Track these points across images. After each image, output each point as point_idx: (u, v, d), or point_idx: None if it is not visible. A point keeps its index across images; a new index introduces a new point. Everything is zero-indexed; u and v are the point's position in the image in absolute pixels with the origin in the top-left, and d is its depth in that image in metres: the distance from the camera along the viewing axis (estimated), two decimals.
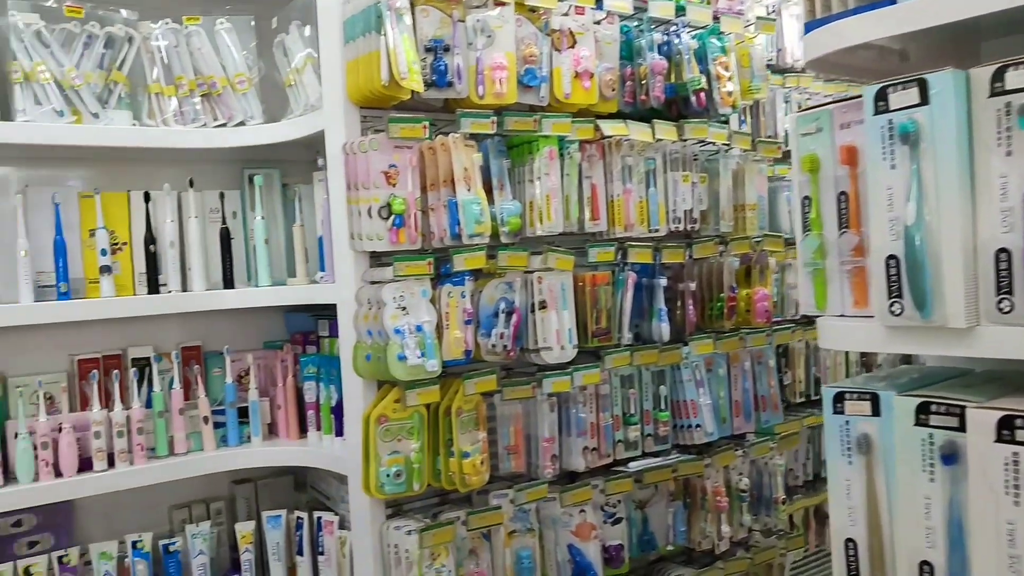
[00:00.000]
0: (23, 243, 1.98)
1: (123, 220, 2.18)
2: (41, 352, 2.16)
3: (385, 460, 1.91)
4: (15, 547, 2.07)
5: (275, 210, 2.38)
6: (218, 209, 2.28)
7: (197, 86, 2.19)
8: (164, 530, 2.30)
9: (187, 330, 2.37)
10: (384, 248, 1.87)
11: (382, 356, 1.86)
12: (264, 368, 2.41)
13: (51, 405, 2.09)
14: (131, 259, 2.18)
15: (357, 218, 1.90)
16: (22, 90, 1.97)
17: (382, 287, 1.86)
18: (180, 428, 2.17)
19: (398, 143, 1.88)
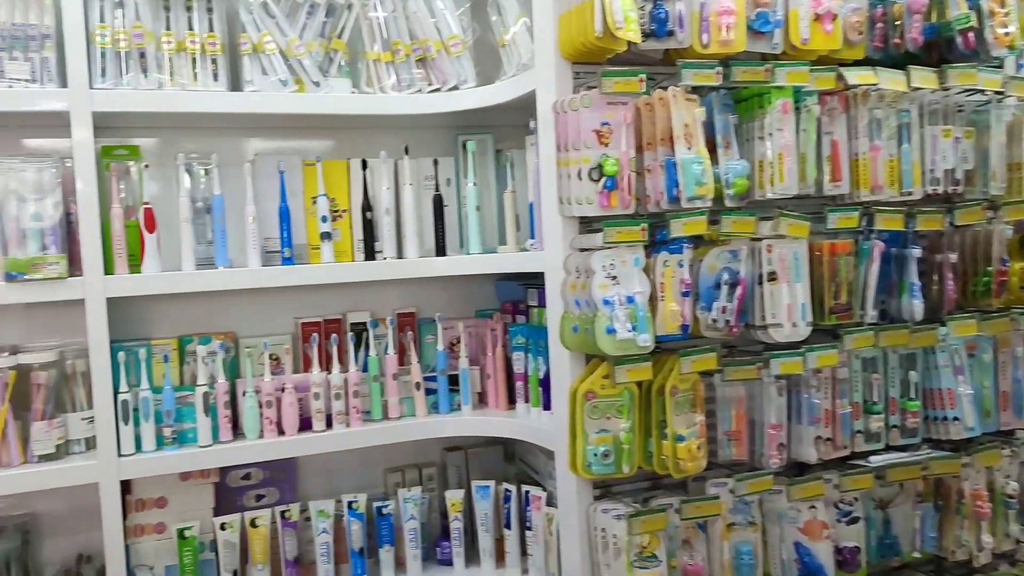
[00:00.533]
0: (251, 210, 2.05)
1: (343, 187, 2.21)
2: (268, 315, 2.25)
3: (593, 439, 1.80)
4: (244, 499, 2.18)
5: (488, 176, 2.33)
6: (432, 176, 2.26)
7: (412, 51, 2.17)
8: (379, 492, 2.34)
9: (402, 296, 2.38)
10: (594, 213, 1.75)
11: (590, 328, 1.74)
12: (475, 336, 2.37)
13: (276, 365, 2.17)
14: (350, 226, 2.21)
15: (566, 181, 1.79)
16: (250, 61, 2.03)
17: (591, 255, 1.74)
18: (393, 393, 2.19)
19: (611, 99, 1.74)
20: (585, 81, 1.85)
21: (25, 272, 1.80)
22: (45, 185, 1.85)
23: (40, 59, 1.85)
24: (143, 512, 2.03)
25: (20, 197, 1.83)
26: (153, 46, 1.94)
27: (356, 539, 2.14)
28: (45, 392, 1.89)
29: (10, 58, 1.83)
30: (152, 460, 1.94)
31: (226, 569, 2.04)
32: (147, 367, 2.02)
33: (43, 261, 1.82)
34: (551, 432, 1.98)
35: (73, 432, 1.94)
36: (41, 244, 1.84)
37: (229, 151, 2.20)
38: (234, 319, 2.23)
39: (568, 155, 1.77)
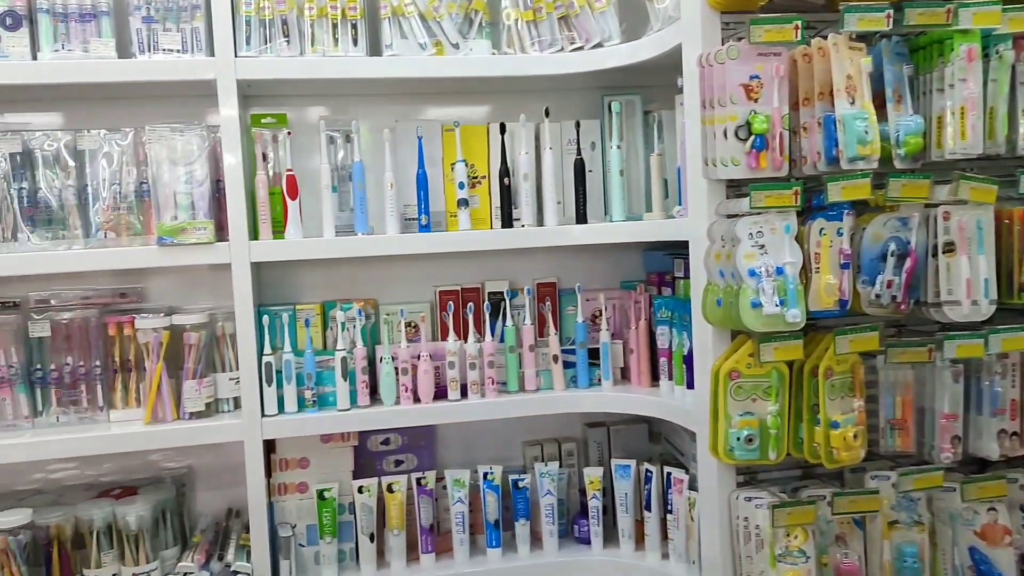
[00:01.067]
0: (390, 177, 2.04)
1: (481, 153, 2.16)
2: (408, 282, 2.25)
3: (736, 421, 1.66)
4: (383, 463, 2.20)
5: (635, 139, 2.21)
6: (574, 140, 2.17)
7: (555, 8, 2.07)
8: (516, 465, 2.30)
9: (543, 265, 2.31)
10: (741, 175, 1.60)
11: (734, 301, 1.60)
12: (618, 309, 2.27)
13: (414, 333, 2.16)
14: (488, 192, 2.16)
15: (711, 141, 1.65)
16: (390, 25, 2.01)
17: (737, 221, 1.59)
18: (530, 365, 2.13)
19: (762, 50, 1.58)
20: (735, 32, 1.70)
21: (175, 237, 1.87)
22: (194, 153, 1.91)
23: (191, 29, 1.90)
24: (286, 472, 2.08)
25: (172, 164, 1.90)
26: (295, 13, 1.95)
27: (491, 511, 2.11)
28: (196, 352, 1.96)
29: (163, 29, 1.89)
30: (293, 421, 1.98)
31: (363, 532, 2.06)
32: (291, 331, 2.06)
33: (192, 226, 1.88)
34: (693, 413, 1.85)
35: (222, 391, 2.01)
36: (190, 210, 1.91)
37: (369, 117, 2.20)
38: (375, 286, 2.24)
39: (713, 112, 1.63)
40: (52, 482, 2.07)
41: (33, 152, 1.89)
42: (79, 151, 1.91)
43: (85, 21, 1.86)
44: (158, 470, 2.13)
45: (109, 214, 1.92)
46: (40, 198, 1.89)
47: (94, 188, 1.92)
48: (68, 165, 1.90)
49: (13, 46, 1.82)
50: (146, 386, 1.95)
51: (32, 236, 1.89)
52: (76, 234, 1.91)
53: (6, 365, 1.92)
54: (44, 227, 1.90)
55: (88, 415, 1.96)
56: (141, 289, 2.08)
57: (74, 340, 1.95)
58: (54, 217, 1.90)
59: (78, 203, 1.91)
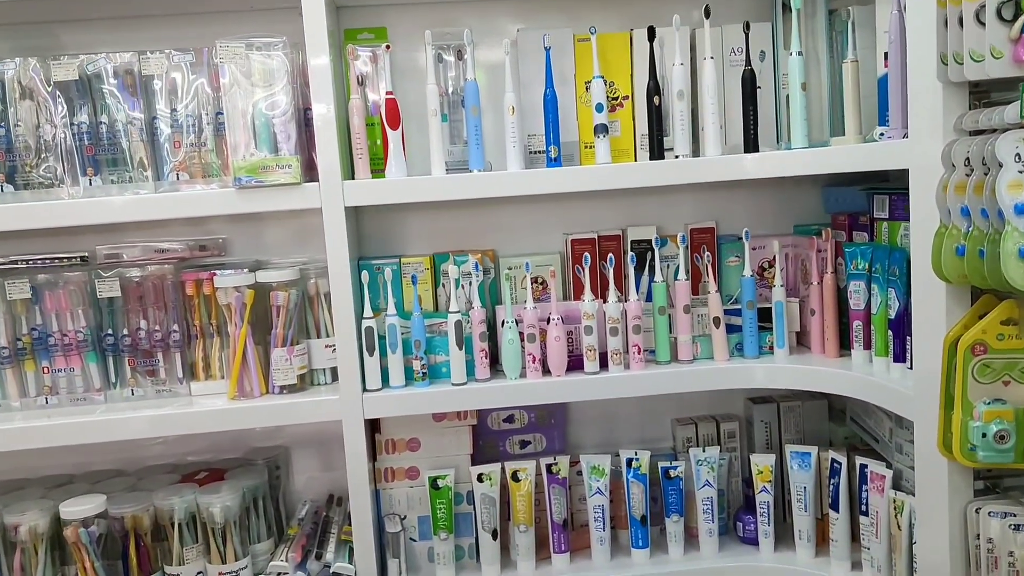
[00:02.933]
0: (511, 99, 1.66)
1: (624, 67, 1.74)
2: (534, 229, 1.88)
3: (981, 411, 1.23)
4: (507, 444, 1.86)
5: (817, 45, 1.74)
6: (741, 48, 1.72)
7: None
8: (666, 448, 1.92)
9: (698, 207, 1.89)
10: (1002, 72, 1.14)
11: (988, 249, 1.15)
12: (794, 259, 1.83)
13: (542, 291, 1.79)
14: (632, 117, 1.74)
15: (954, 29, 1.19)
16: None
17: (996, 138, 1.14)
18: (685, 330, 1.73)
19: None
20: None
21: (255, 176, 1.55)
22: (275, 73, 1.58)
23: None
24: (394, 455, 1.77)
25: (248, 88, 1.57)
26: None
27: (637, 504, 1.74)
28: (285, 315, 1.65)
29: None
30: (398, 398, 1.65)
31: (485, 527, 1.73)
32: (395, 289, 1.73)
33: (274, 163, 1.55)
34: (908, 395, 1.42)
35: (317, 361, 1.70)
36: (272, 143, 1.58)
37: (485, 26, 1.81)
38: (495, 233, 1.87)
39: None
40: (130, 462, 1.83)
41: (91, 79, 1.60)
42: (145, 76, 1.61)
43: None
44: (249, 448, 1.86)
45: (181, 151, 1.62)
46: (103, 133, 1.60)
47: (166, 120, 1.62)
48: (133, 93, 1.60)
49: None
50: (229, 354, 1.66)
51: (95, 179, 1.61)
52: (145, 176, 1.62)
53: (74, 330, 1.66)
54: (109, 168, 1.62)
55: (166, 387, 1.69)
56: (223, 241, 1.79)
57: (148, 300, 1.68)
58: (119, 156, 1.61)
59: (146, 139, 1.61)
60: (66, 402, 1.67)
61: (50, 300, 1.66)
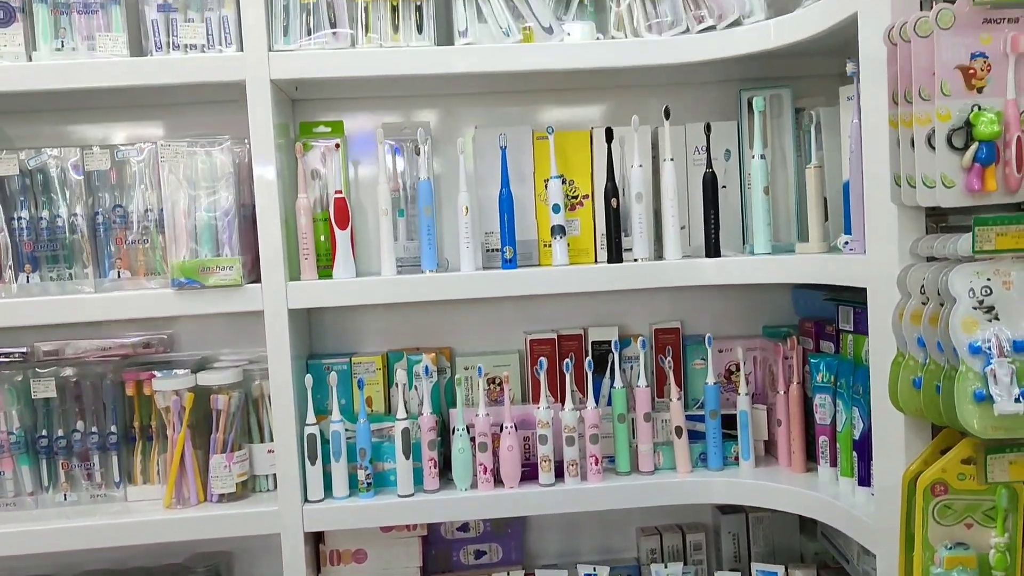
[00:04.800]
0: (465, 199, 1.61)
1: (583, 166, 1.69)
2: (492, 326, 1.81)
3: (942, 557, 1.15)
4: (461, 554, 1.77)
5: (784, 143, 1.69)
6: (702, 147, 1.67)
7: None
8: (629, 559, 1.83)
9: (663, 305, 1.83)
10: (955, 201, 1.08)
11: (945, 387, 1.09)
12: (761, 363, 1.77)
13: (497, 393, 1.72)
14: (592, 215, 1.69)
15: (906, 150, 1.13)
16: (464, 6, 1.58)
17: (949, 269, 1.08)
18: (646, 439, 1.65)
19: (989, 14, 1.06)
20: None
21: (195, 278, 1.50)
22: (219, 172, 1.53)
23: (218, 18, 1.53)
24: (339, 567, 1.69)
25: (191, 187, 1.53)
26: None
27: None
28: (226, 419, 1.59)
29: (184, 20, 1.53)
30: (341, 510, 1.57)
31: None
32: (345, 390, 1.66)
33: (215, 264, 1.50)
34: (870, 524, 1.34)
35: (259, 467, 1.63)
36: (214, 243, 1.53)
37: (441, 123, 1.78)
38: (451, 331, 1.81)
39: (911, 109, 1.11)
40: (67, 567, 1.74)
41: (33, 174, 1.56)
42: (87, 172, 1.57)
43: (90, 12, 1.52)
44: (191, 554, 1.77)
45: (123, 248, 1.57)
46: (43, 229, 1.56)
47: (109, 216, 1.58)
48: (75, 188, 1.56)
49: (5, 45, 1.49)
50: (167, 460, 1.59)
51: (33, 276, 1.56)
52: (86, 273, 1.57)
53: (6, 431, 1.60)
54: (49, 264, 1.57)
55: (102, 492, 1.62)
56: (168, 337, 1.73)
57: (86, 401, 1.62)
58: (59, 253, 1.56)
59: (88, 235, 1.57)
60: None
61: None
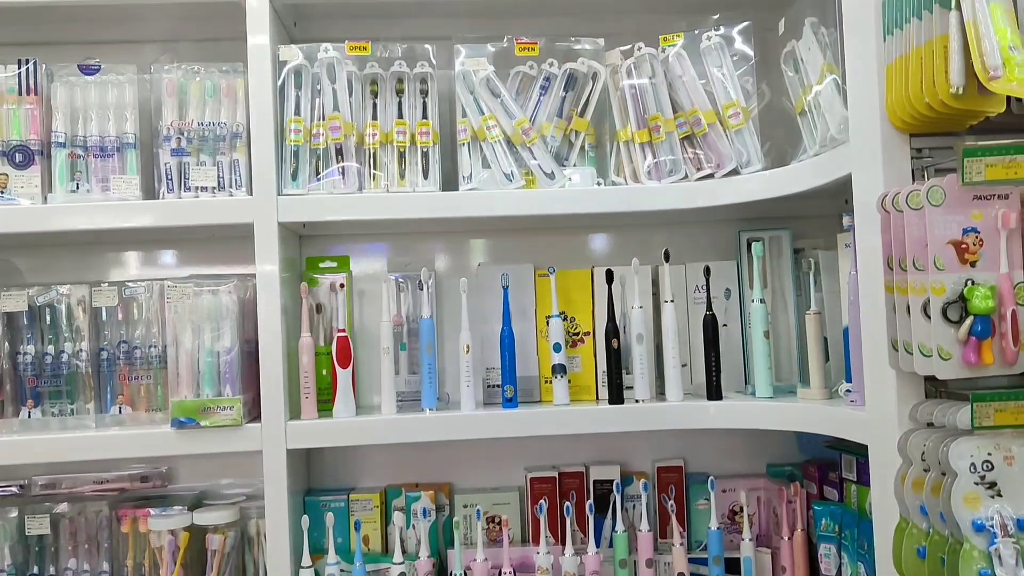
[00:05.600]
0: (466, 338, 1.62)
1: (585, 303, 1.71)
2: (491, 462, 1.79)
3: None
4: None
5: (783, 286, 1.71)
6: (702, 286, 1.69)
7: (676, 126, 1.63)
8: None
9: (666, 442, 1.81)
10: (952, 374, 1.08)
11: (948, 560, 1.07)
12: (765, 504, 1.74)
13: (496, 532, 1.70)
14: (593, 353, 1.70)
15: (903, 317, 1.14)
16: (469, 152, 1.62)
17: (951, 441, 1.07)
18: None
19: (979, 191, 1.08)
20: (932, 161, 1.20)
21: (194, 418, 1.50)
22: (222, 311, 1.55)
23: (229, 162, 1.57)
24: None
25: (195, 328, 1.54)
26: (353, 140, 1.59)
27: None
28: (220, 560, 1.57)
29: (196, 163, 1.57)
30: None
31: None
32: (341, 529, 1.64)
33: (215, 404, 1.51)
34: None
35: None
36: (215, 383, 1.54)
37: (445, 261, 1.80)
38: (451, 468, 1.79)
39: (905, 278, 1.13)
40: None
41: (41, 309, 1.58)
42: (95, 308, 1.59)
43: (107, 156, 1.56)
44: None
45: (126, 384, 1.58)
46: (47, 364, 1.57)
47: (111, 352, 1.59)
48: (81, 325, 1.58)
49: (22, 187, 1.53)
50: None
51: (35, 411, 1.56)
52: (88, 408, 1.57)
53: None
54: (51, 400, 1.57)
55: None
56: (167, 471, 1.72)
57: (79, 537, 1.60)
58: (62, 389, 1.57)
59: (91, 371, 1.58)
60: None
61: None
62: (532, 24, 1.77)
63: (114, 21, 1.68)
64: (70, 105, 1.57)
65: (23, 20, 1.66)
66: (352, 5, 1.65)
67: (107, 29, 1.70)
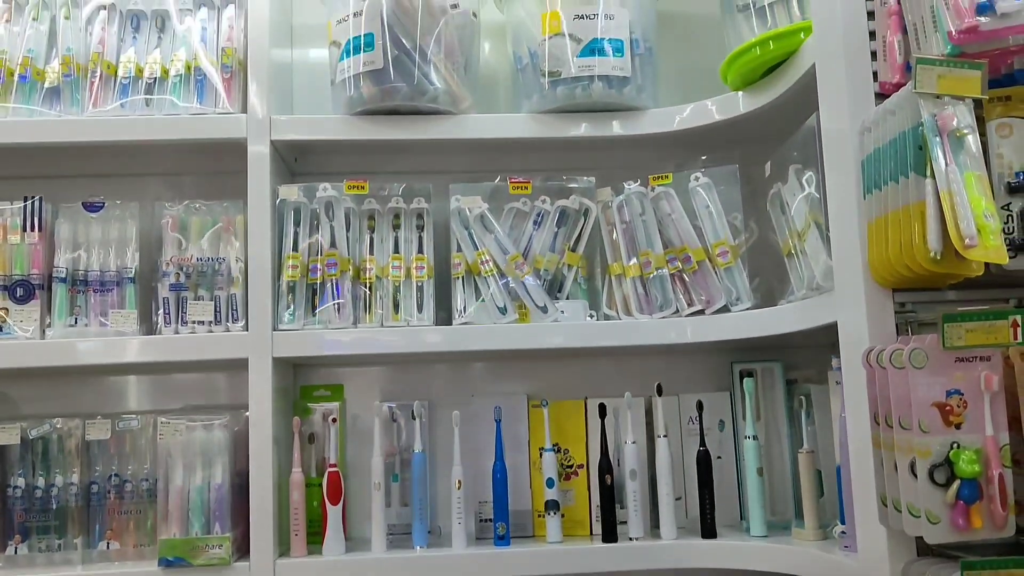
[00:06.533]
0: (458, 472, 1.62)
1: (579, 435, 1.72)
2: None
3: None
4: None
5: (776, 417, 1.72)
6: (695, 418, 1.69)
7: (667, 262, 1.66)
8: None
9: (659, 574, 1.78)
10: (942, 538, 1.08)
11: None
12: None
13: None
14: (587, 486, 1.69)
15: (891, 475, 1.14)
16: (463, 286, 1.65)
17: None
18: None
19: (963, 354, 1.10)
20: (915, 315, 1.22)
21: (184, 557, 1.49)
22: (214, 447, 1.55)
23: (226, 296, 1.60)
24: None
25: (187, 465, 1.54)
26: (350, 274, 1.62)
27: None
28: None
29: (194, 298, 1.60)
30: None
31: None
32: None
33: (205, 543, 1.49)
34: None
35: None
36: (204, 520, 1.53)
37: (438, 392, 1.80)
38: None
39: (892, 436, 1.13)
40: None
41: (34, 443, 1.58)
42: (87, 442, 1.59)
43: (106, 291, 1.59)
44: None
45: (116, 518, 1.57)
46: (37, 499, 1.56)
47: (101, 486, 1.59)
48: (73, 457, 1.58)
49: (21, 321, 1.56)
50: None
51: (22, 547, 1.55)
52: (75, 543, 1.56)
53: None
54: (39, 535, 1.56)
55: None
56: None
57: None
58: (50, 524, 1.56)
59: (81, 505, 1.57)
60: None
61: None
62: (525, 158, 1.82)
63: (120, 156, 1.73)
64: (73, 240, 1.60)
65: (30, 157, 1.70)
66: (351, 143, 1.70)
67: (112, 162, 1.74)
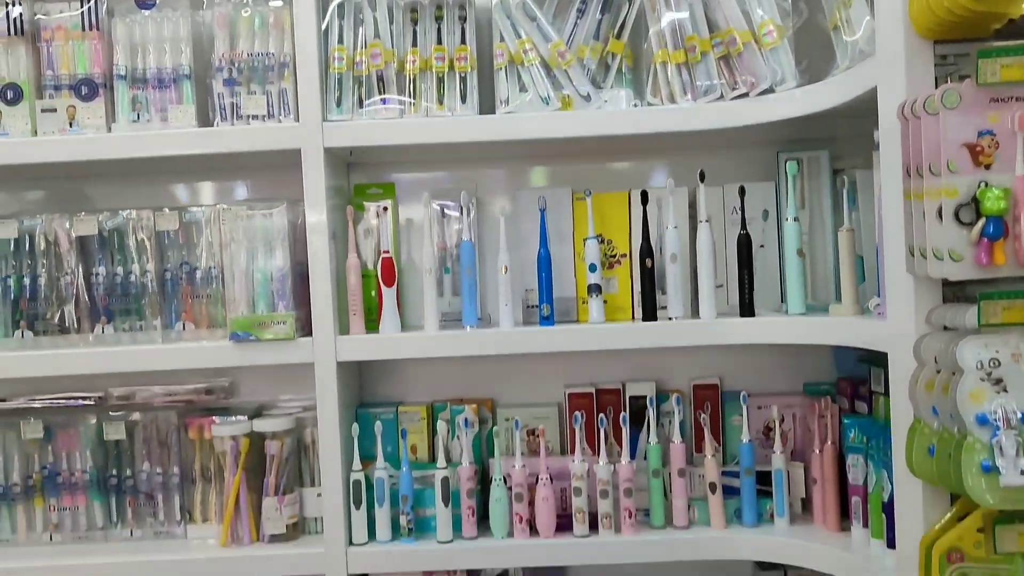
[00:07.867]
0: (504, 259, 1.69)
1: (622, 226, 1.75)
2: (533, 378, 1.87)
3: None
4: None
5: (821, 205, 1.73)
6: (737, 208, 1.71)
7: (712, 47, 1.65)
8: None
9: (702, 361, 1.86)
10: (964, 275, 1.10)
11: (953, 455, 1.10)
12: (800, 421, 1.78)
13: (535, 444, 1.78)
14: (630, 274, 1.75)
15: (919, 222, 1.16)
16: (506, 76, 1.67)
17: (959, 341, 1.10)
18: (680, 493, 1.68)
19: (996, 92, 1.09)
20: (956, 68, 1.21)
21: (251, 332, 1.61)
22: (274, 233, 1.65)
23: (278, 90, 1.65)
24: None
25: (249, 248, 1.65)
26: (394, 67, 1.65)
27: None
28: (278, 464, 1.69)
29: (248, 92, 1.65)
30: (383, 554, 1.65)
31: None
32: (390, 438, 1.75)
33: (270, 320, 1.61)
34: None
35: (309, 509, 1.72)
36: (269, 300, 1.64)
37: (484, 186, 1.86)
38: (494, 383, 1.88)
39: (922, 183, 1.14)
40: None
41: (110, 233, 1.70)
42: (158, 231, 1.70)
43: (164, 87, 1.66)
44: None
45: (189, 302, 1.70)
46: (117, 284, 1.70)
47: (174, 273, 1.71)
48: (146, 247, 1.70)
49: (88, 118, 1.65)
50: (223, 501, 1.69)
51: (107, 327, 1.69)
52: (155, 325, 1.70)
53: (81, 470, 1.73)
54: (122, 317, 1.70)
55: (164, 529, 1.74)
56: (229, 384, 1.84)
57: (152, 443, 1.74)
58: (131, 307, 1.70)
59: (157, 290, 1.70)
60: (69, 540, 1.73)
61: (61, 440, 1.73)
62: None
63: None
64: (129, 40, 1.66)
65: None
66: None
67: None
